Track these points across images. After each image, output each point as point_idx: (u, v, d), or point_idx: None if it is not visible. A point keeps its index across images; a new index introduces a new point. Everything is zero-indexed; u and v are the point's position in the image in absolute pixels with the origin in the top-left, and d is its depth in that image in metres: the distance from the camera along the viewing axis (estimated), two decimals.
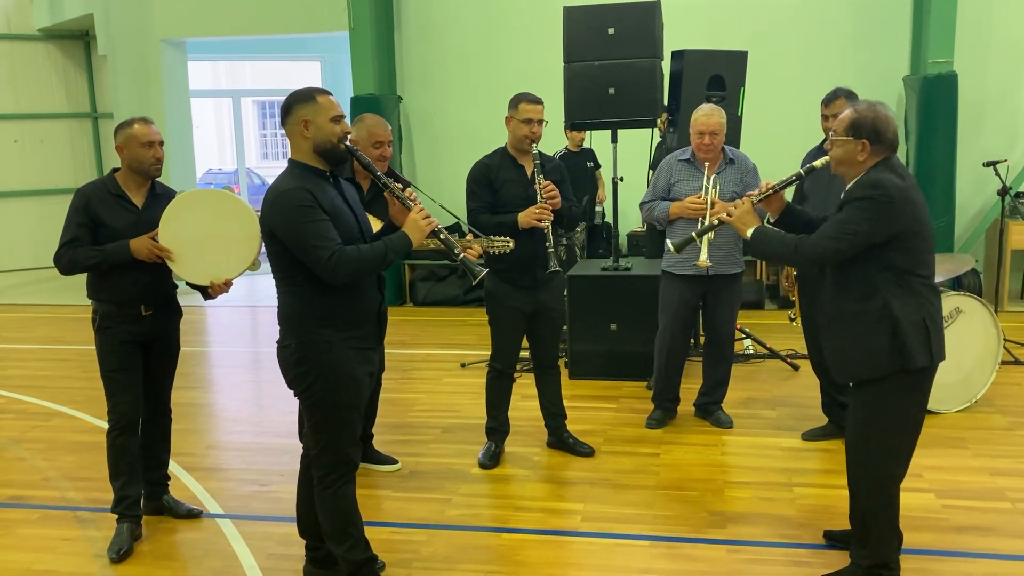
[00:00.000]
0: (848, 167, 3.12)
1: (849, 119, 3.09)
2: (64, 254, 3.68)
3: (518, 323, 4.53)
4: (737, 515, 3.96)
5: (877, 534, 3.19)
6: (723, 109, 4.87)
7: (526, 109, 4.35)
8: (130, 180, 3.78)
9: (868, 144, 3.06)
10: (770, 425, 5.08)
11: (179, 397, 6.02)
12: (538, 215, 4.30)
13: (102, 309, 3.77)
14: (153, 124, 3.76)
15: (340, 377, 3.09)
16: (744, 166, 4.89)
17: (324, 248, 2.94)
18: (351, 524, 3.24)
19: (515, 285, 4.44)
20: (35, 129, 11.97)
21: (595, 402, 5.56)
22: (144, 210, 3.77)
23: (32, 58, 11.91)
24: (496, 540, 3.80)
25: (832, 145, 3.15)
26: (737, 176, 4.84)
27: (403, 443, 4.95)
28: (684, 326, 5.06)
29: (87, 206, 3.69)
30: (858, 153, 3.08)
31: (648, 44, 5.84)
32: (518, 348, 4.63)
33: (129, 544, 3.75)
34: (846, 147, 3.10)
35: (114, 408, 3.78)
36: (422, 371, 6.48)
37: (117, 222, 3.71)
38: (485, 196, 4.42)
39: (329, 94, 3.09)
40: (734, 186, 4.79)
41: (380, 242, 3.10)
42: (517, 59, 8.85)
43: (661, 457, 4.66)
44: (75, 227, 3.69)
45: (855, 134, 3.07)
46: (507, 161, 4.46)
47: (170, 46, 10.01)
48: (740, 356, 6.42)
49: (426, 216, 3.15)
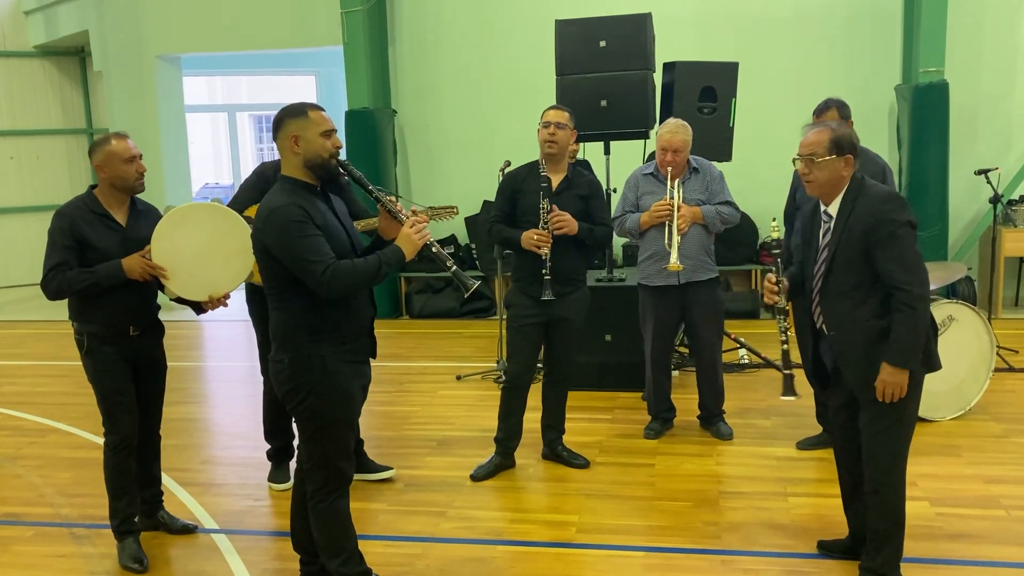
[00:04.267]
0: (833, 187, 3.18)
1: (829, 139, 3.14)
2: (53, 279, 3.56)
3: (534, 334, 4.53)
4: (732, 525, 3.96)
5: (897, 541, 3.24)
6: (711, 120, 4.91)
7: (546, 114, 4.43)
8: (111, 198, 3.68)
9: (852, 158, 3.14)
10: (765, 435, 5.09)
11: (173, 412, 6.03)
12: (537, 242, 4.31)
13: (87, 330, 3.69)
14: (129, 138, 3.67)
15: (333, 391, 3.10)
16: (709, 174, 4.95)
17: (318, 263, 2.94)
18: (345, 538, 3.25)
19: (530, 296, 4.46)
20: (31, 145, 11.97)
21: (591, 413, 5.56)
22: (129, 228, 3.70)
23: (28, 74, 11.93)
24: (491, 552, 3.80)
25: (811, 169, 3.17)
26: (702, 184, 4.91)
27: (398, 456, 4.95)
28: (666, 338, 5.10)
29: (72, 227, 3.57)
30: (843, 169, 3.15)
31: (640, 56, 5.88)
32: (534, 361, 4.63)
33: (141, 552, 3.74)
34: (831, 166, 3.14)
35: (114, 429, 3.72)
36: (417, 384, 6.48)
37: (103, 242, 3.62)
38: (504, 206, 4.47)
39: (321, 109, 3.10)
40: (699, 194, 4.87)
41: (374, 256, 3.10)
42: (510, 72, 8.89)
43: (656, 467, 4.66)
44: (62, 250, 3.55)
45: (838, 151, 3.13)
46: (536, 172, 4.47)
47: (165, 62, 10.04)
48: (735, 366, 6.43)
49: (419, 230, 3.16)
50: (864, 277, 3.14)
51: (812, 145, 3.16)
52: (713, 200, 4.91)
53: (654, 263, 4.91)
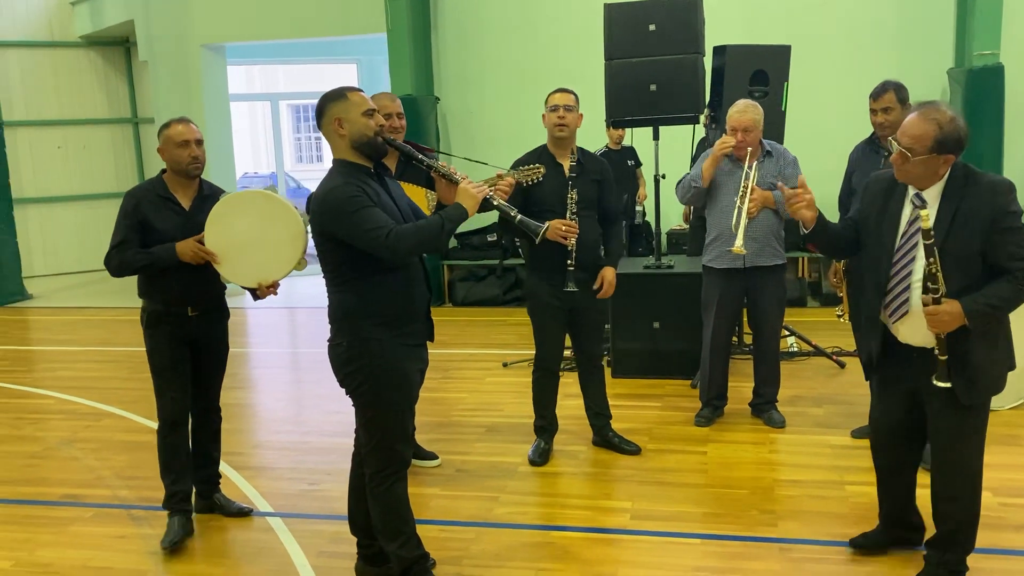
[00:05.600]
0: (928, 180, 2.96)
1: (932, 137, 2.85)
2: (114, 256, 3.73)
3: (558, 320, 4.50)
4: (788, 513, 3.91)
5: (972, 538, 3.17)
6: (763, 104, 4.83)
7: (552, 98, 4.36)
8: (175, 182, 3.81)
9: (953, 157, 2.92)
10: (817, 423, 5.01)
11: (224, 397, 6.09)
12: (564, 232, 4.26)
13: (150, 307, 3.82)
14: (192, 124, 3.78)
15: (391, 375, 3.10)
16: (783, 158, 4.88)
17: (380, 229, 2.94)
18: (403, 521, 3.25)
19: (552, 283, 4.42)
20: (78, 135, 12.14)
21: (639, 400, 5.53)
22: (192, 212, 3.80)
23: (75, 65, 12.09)
24: (545, 538, 3.79)
25: (905, 160, 2.91)
26: (775, 168, 4.83)
27: (448, 441, 4.96)
28: (727, 322, 5.02)
29: (136, 208, 3.73)
30: (940, 167, 2.94)
31: (690, 40, 5.80)
32: (561, 345, 4.61)
33: (180, 536, 3.81)
34: (929, 164, 2.90)
35: (163, 406, 3.84)
36: (463, 371, 6.49)
37: (165, 224, 3.74)
38: (516, 197, 4.26)
39: (359, 91, 3.11)
40: (772, 177, 4.78)
41: (435, 215, 3.11)
42: (557, 57, 8.80)
43: (708, 455, 4.62)
44: (124, 229, 3.72)
45: (939, 151, 2.88)
46: (545, 159, 4.40)
47: (210, 51, 10.10)
48: (785, 354, 6.35)
49: (477, 185, 3.16)
50: (973, 279, 2.91)
51: (912, 140, 2.88)
52: (787, 185, 4.83)
53: (720, 244, 4.84)
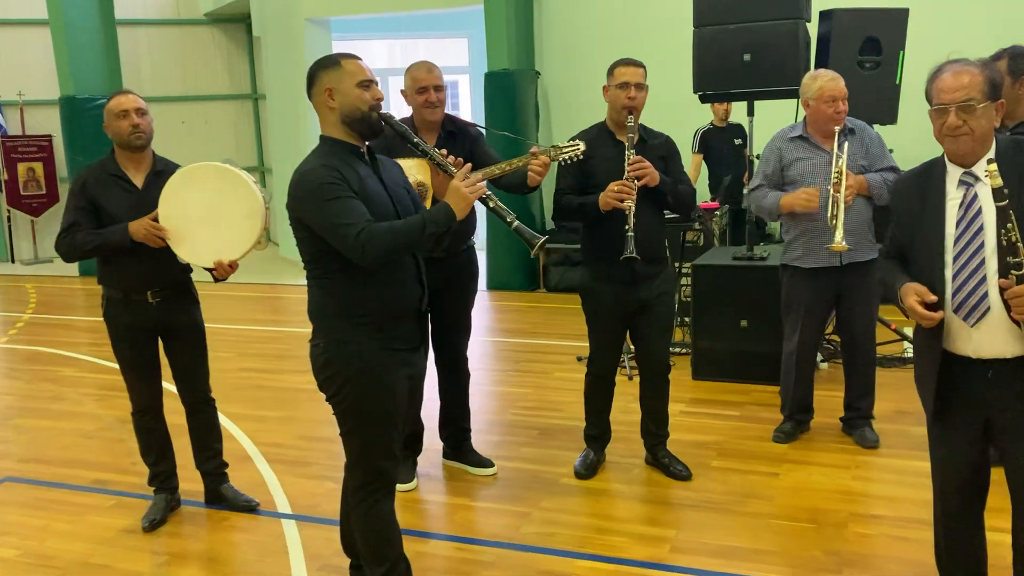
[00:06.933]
0: (986, 140, 2.49)
1: (985, 79, 2.46)
2: (63, 241, 3.52)
3: (616, 322, 4.03)
4: (857, 557, 3.32)
5: None
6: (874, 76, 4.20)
7: (621, 72, 3.85)
8: (126, 158, 3.58)
9: (1003, 104, 2.54)
10: (917, 445, 4.30)
11: (282, 381, 5.94)
12: (617, 194, 3.72)
13: (108, 294, 3.63)
14: (133, 93, 3.55)
15: (371, 383, 2.74)
16: (867, 135, 4.23)
17: (351, 226, 2.57)
18: (388, 544, 2.90)
19: (611, 279, 3.93)
20: (200, 110, 12.42)
21: (716, 408, 4.97)
22: (145, 190, 3.57)
23: (199, 42, 12.37)
24: (568, 567, 3.35)
25: (969, 118, 2.44)
26: (861, 147, 4.19)
27: (495, 444, 4.58)
28: (815, 329, 4.41)
29: (83, 188, 3.52)
30: (995, 118, 2.49)
31: (790, 3, 5.15)
32: (619, 350, 4.17)
33: (162, 515, 3.79)
34: (988, 114, 2.46)
35: (130, 395, 3.75)
36: (534, 363, 6.08)
37: (116, 204, 3.51)
38: (574, 175, 3.89)
39: (358, 59, 2.74)
40: (859, 159, 4.16)
41: (417, 215, 2.72)
42: (664, 28, 8.18)
43: (780, 478, 4.05)
44: (74, 211, 3.52)
45: (993, 96, 2.46)
46: (604, 136, 3.94)
47: (315, 24, 10.01)
48: (896, 359, 5.62)
49: (472, 183, 2.73)
50: None
51: (967, 88, 2.47)
52: (875, 166, 4.19)
53: (808, 241, 4.23)
